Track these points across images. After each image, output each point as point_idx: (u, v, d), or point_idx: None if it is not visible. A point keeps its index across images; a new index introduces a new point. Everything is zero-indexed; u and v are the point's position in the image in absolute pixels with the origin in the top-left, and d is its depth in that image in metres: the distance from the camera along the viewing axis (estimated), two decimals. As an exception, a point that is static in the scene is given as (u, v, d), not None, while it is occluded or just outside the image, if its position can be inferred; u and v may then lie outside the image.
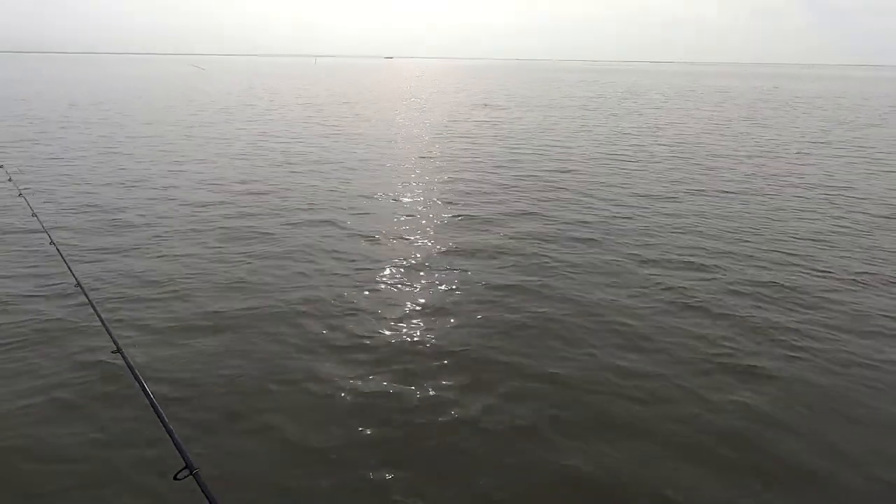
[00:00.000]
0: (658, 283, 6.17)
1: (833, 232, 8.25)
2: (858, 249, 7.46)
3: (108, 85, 43.46)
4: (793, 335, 5.06)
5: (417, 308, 5.59)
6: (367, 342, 4.92)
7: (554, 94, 40.34)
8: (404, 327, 5.18)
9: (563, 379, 4.36)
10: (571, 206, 9.60)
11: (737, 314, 5.46)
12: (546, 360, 4.63)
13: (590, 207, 9.53)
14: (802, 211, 9.51)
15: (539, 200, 9.99)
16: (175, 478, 2.04)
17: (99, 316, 3.24)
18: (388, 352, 4.78)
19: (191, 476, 2.06)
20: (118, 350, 2.83)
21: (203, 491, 1.98)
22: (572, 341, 4.93)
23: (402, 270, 6.52)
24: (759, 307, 5.63)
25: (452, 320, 5.31)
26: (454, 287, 6.05)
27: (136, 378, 2.59)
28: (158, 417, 2.37)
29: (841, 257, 7.15)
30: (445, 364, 4.59)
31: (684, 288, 6.08)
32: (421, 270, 6.55)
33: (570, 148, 15.96)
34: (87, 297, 3.49)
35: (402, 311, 5.52)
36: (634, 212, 9.25)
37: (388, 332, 5.09)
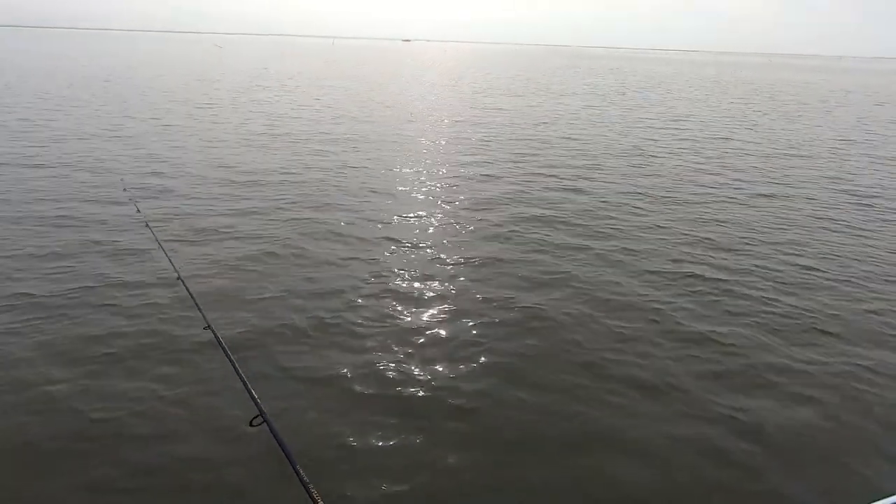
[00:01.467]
0: (670, 296, 6.01)
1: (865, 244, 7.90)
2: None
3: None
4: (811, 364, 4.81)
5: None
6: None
7: (573, 82, 39.89)
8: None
9: (571, 395, 4.29)
10: (589, 207, 9.34)
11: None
12: (552, 369, 4.61)
13: (605, 207, 9.37)
14: (830, 217, 9.19)
15: (554, 197, 9.90)
16: (250, 424, 2.25)
17: (192, 296, 3.65)
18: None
19: (264, 423, 2.26)
20: (208, 326, 3.18)
21: (274, 436, 2.20)
22: (580, 353, 4.86)
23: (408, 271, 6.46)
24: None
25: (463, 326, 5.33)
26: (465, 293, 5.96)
27: (221, 345, 2.93)
28: (237, 372, 2.66)
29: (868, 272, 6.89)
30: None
31: (703, 301, 5.89)
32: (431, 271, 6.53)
33: (588, 143, 15.72)
34: (182, 280, 3.89)
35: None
36: (653, 213, 9.10)
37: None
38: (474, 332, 5.15)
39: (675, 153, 14.40)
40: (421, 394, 4.23)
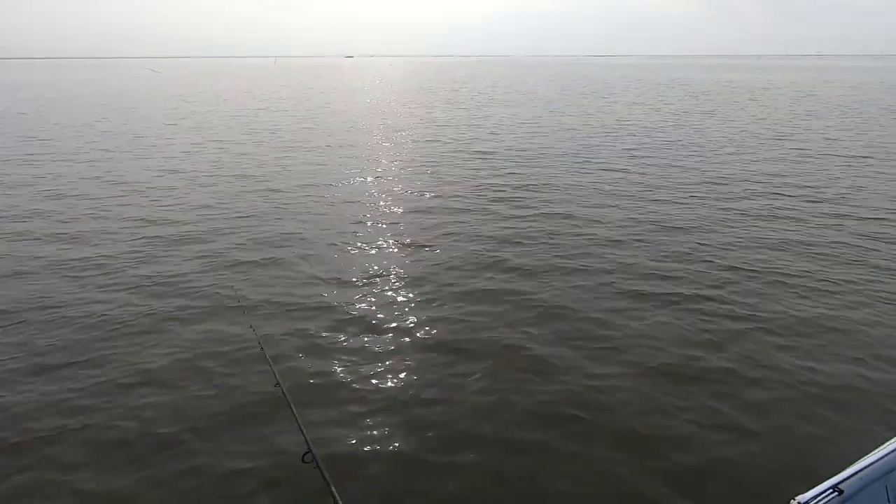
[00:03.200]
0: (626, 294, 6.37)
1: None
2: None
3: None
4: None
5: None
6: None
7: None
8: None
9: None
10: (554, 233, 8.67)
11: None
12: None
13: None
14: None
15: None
16: (302, 460, 2.36)
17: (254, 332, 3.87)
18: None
19: (313, 459, 2.36)
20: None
21: (321, 473, 2.27)
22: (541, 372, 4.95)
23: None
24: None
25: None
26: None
27: (275, 374, 3.14)
28: (290, 407, 2.79)
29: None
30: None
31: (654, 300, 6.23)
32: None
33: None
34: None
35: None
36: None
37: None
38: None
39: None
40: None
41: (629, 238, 8.20)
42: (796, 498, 1.80)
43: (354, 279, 6.79)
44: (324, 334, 5.49)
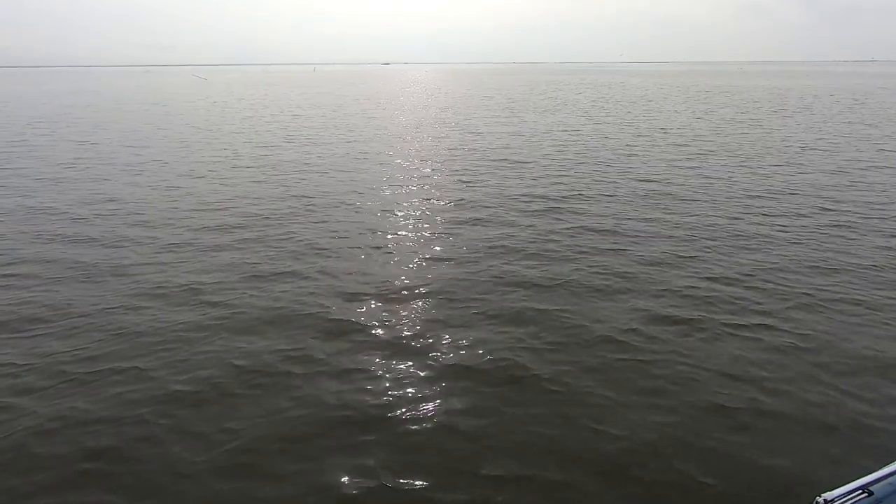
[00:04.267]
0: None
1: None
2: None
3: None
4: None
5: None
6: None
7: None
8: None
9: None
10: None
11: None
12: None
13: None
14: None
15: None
16: None
17: None
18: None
19: None
20: None
21: None
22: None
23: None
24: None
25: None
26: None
27: None
28: None
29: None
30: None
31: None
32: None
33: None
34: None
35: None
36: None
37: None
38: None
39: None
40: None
41: (669, 257, 7.86)
42: (822, 495, 1.71)
43: (381, 295, 6.68)
44: (347, 353, 5.37)
